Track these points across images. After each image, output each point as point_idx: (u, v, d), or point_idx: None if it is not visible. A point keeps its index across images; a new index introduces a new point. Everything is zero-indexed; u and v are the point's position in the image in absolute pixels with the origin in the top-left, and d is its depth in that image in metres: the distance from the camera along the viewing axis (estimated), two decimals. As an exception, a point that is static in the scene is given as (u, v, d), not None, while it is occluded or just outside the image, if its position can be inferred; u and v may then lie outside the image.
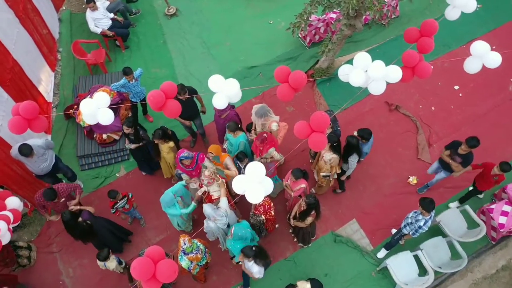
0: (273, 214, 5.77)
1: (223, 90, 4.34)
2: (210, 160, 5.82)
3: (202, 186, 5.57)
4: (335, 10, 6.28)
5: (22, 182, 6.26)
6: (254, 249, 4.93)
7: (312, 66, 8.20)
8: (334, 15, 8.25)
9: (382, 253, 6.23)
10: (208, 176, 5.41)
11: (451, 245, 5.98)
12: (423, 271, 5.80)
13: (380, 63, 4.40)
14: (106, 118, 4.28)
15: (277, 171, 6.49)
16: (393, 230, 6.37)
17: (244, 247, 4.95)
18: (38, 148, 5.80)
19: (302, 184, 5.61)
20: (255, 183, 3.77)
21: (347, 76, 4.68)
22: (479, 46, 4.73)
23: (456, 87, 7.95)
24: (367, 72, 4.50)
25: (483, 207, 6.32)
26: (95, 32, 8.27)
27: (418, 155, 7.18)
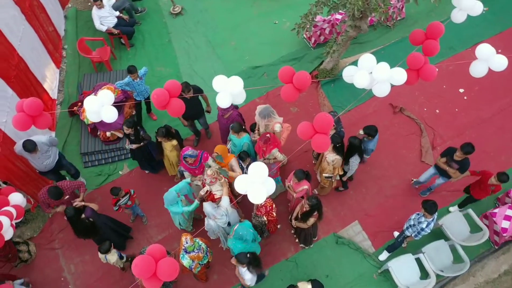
0: (275, 215, 5.75)
1: (227, 87, 4.34)
2: (214, 160, 5.83)
3: (205, 185, 5.58)
4: (340, 11, 6.25)
5: (25, 178, 6.28)
6: (248, 256, 4.91)
7: (317, 67, 8.19)
8: (339, 16, 8.24)
9: (384, 255, 6.21)
10: (210, 175, 5.41)
11: (453, 248, 5.95)
12: (424, 274, 5.78)
13: (385, 65, 4.37)
14: (110, 116, 4.29)
15: (280, 172, 6.49)
16: (395, 233, 6.36)
17: (239, 253, 4.92)
18: (42, 144, 5.82)
19: (305, 186, 5.60)
20: (258, 183, 3.77)
21: (351, 77, 4.67)
22: (484, 49, 4.70)
23: (461, 90, 7.90)
24: (372, 74, 4.48)
25: (486, 211, 6.28)
26: (101, 30, 8.29)
27: (422, 157, 7.15)
